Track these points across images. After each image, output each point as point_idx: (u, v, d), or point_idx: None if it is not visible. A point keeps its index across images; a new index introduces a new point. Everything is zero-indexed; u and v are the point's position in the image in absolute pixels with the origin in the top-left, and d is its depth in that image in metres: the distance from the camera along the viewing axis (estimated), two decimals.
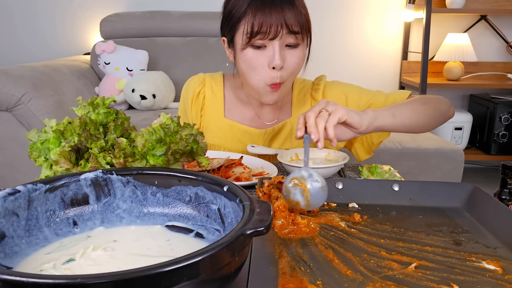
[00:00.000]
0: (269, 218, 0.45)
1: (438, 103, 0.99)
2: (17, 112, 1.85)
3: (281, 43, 0.91)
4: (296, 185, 0.68)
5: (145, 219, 0.59)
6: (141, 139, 0.58)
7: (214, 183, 0.56)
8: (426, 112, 0.95)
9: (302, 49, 0.95)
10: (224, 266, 0.42)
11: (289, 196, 0.68)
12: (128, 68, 2.30)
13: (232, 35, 0.96)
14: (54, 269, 0.48)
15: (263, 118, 1.11)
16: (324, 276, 0.53)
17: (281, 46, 0.91)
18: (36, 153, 0.60)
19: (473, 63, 2.83)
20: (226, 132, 1.10)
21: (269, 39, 0.89)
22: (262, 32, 0.88)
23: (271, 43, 0.90)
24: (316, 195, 0.68)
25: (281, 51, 0.91)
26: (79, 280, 0.35)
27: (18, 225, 0.52)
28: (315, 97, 1.11)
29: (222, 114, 1.10)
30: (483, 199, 0.72)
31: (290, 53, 0.93)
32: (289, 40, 0.91)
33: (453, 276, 0.53)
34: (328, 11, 2.78)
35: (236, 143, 1.10)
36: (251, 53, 0.92)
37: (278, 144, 1.11)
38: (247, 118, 1.10)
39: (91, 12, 2.74)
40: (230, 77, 1.12)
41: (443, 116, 1.00)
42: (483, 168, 3.02)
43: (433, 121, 0.97)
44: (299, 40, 0.92)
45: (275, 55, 0.90)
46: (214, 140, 1.10)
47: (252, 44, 0.91)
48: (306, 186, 0.67)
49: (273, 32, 0.88)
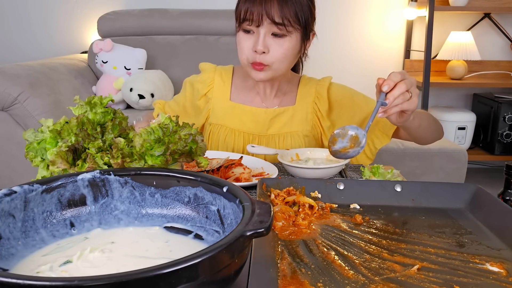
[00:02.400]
0: (269, 219, 0.45)
1: (436, 121, 1.11)
2: (13, 111, 1.84)
3: (267, 31, 1.01)
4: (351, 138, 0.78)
5: (143, 220, 0.59)
6: (139, 139, 0.57)
7: (213, 184, 0.55)
8: (432, 125, 1.06)
9: (290, 40, 1.03)
10: (224, 268, 0.42)
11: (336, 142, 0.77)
12: (126, 67, 2.29)
13: (235, 19, 1.08)
14: (51, 271, 0.48)
15: (267, 103, 1.18)
16: (325, 278, 0.52)
17: (267, 33, 1.01)
18: (32, 153, 0.60)
19: (477, 62, 2.81)
20: (229, 113, 1.18)
21: (255, 26, 1.01)
22: (247, 19, 1.00)
23: (257, 29, 1.01)
24: (353, 153, 0.79)
25: (266, 38, 1.01)
26: (76, 283, 0.35)
27: (14, 226, 0.51)
28: (320, 92, 1.17)
29: (228, 97, 1.19)
30: (486, 200, 0.71)
31: (275, 41, 1.02)
32: (274, 29, 1.01)
33: (456, 278, 0.53)
34: (329, 9, 2.76)
35: (237, 122, 1.16)
36: (241, 35, 1.05)
37: (278, 126, 1.16)
38: (250, 101, 1.18)
39: (89, 10, 2.73)
40: (240, 69, 1.22)
41: (438, 135, 1.13)
42: (486, 169, 3.01)
43: (431, 136, 1.09)
44: (284, 31, 1.01)
45: (258, 40, 1.01)
46: (218, 120, 1.17)
47: (242, 28, 1.04)
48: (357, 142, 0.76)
49: (255, 20, 0.99)
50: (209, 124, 1.18)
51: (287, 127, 1.16)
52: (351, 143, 0.80)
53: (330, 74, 1.23)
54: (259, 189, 0.75)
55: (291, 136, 1.14)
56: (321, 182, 0.78)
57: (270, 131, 1.15)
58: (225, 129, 1.16)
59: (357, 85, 3.17)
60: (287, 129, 1.16)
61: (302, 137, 1.15)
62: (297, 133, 1.15)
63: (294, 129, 1.15)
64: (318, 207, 0.71)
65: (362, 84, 2.93)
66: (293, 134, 1.15)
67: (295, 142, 1.14)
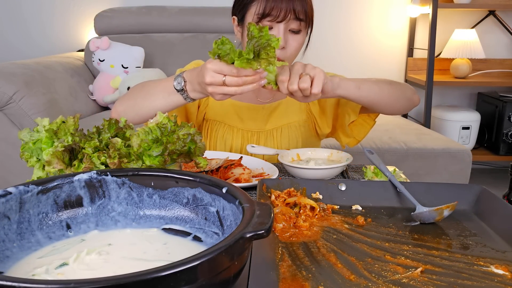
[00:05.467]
0: (270, 221, 0.45)
1: (403, 87, 1.09)
2: (8, 111, 1.82)
3: (286, 27, 1.02)
4: None
5: (141, 222, 0.58)
6: (137, 139, 0.56)
7: (212, 185, 0.55)
8: (391, 92, 1.04)
9: (303, 36, 1.06)
10: (223, 270, 0.41)
11: None
12: (124, 65, 2.26)
13: (243, 14, 1.06)
14: (47, 274, 0.47)
15: (260, 97, 1.19)
16: (326, 281, 0.52)
17: (285, 29, 1.02)
18: (28, 154, 0.59)
19: (481, 60, 2.79)
20: (226, 109, 1.18)
21: (276, 22, 1.01)
22: (272, 15, 1.00)
23: (277, 25, 1.01)
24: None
25: (285, 34, 1.02)
26: (72, 285, 0.35)
27: (10, 228, 0.51)
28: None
29: None
30: (491, 201, 0.71)
31: (292, 37, 1.04)
32: (293, 25, 1.02)
33: (460, 281, 0.52)
34: (331, 6, 2.75)
35: (235, 119, 1.17)
36: None
37: (275, 120, 1.18)
38: (245, 97, 1.19)
39: (85, 7, 2.70)
40: None
41: (408, 101, 1.09)
42: (491, 169, 2.99)
43: (397, 103, 1.06)
44: (301, 27, 1.04)
45: (280, 36, 1.01)
46: (215, 116, 1.18)
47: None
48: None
49: (281, 16, 1.00)
50: (206, 121, 1.18)
51: (284, 120, 1.17)
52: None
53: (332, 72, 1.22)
54: (259, 190, 0.74)
55: (289, 128, 1.16)
56: (322, 183, 0.78)
57: (268, 126, 1.17)
58: (223, 126, 1.17)
59: None
60: (284, 122, 1.17)
61: (299, 127, 1.17)
62: (294, 124, 1.17)
63: (291, 120, 1.17)
64: (320, 208, 0.71)
65: None
66: (290, 125, 1.17)
67: (292, 133, 1.16)
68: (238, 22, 1.10)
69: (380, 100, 1.02)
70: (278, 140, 1.15)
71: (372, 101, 1.01)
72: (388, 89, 1.03)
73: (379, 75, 2.84)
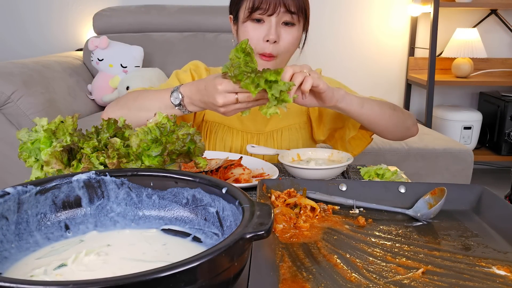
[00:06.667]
0: (270, 222, 0.44)
1: (405, 116, 1.08)
2: (6, 110, 1.81)
3: (278, 20, 1.02)
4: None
5: (140, 222, 0.58)
6: (136, 139, 0.56)
7: (212, 185, 0.55)
8: (392, 117, 1.03)
9: (298, 29, 1.06)
10: (223, 271, 0.41)
11: None
12: (123, 65, 2.25)
13: (237, 10, 1.07)
14: (45, 275, 0.47)
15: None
16: (327, 282, 0.52)
17: (278, 23, 1.02)
18: (26, 154, 0.59)
19: (483, 60, 2.78)
20: None
21: (267, 15, 1.01)
22: (262, 8, 1.00)
23: (269, 19, 1.02)
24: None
25: (277, 27, 1.02)
26: (71, 286, 0.34)
27: (8, 229, 0.51)
28: None
29: None
30: (493, 201, 0.71)
31: (285, 30, 1.04)
32: (286, 18, 1.02)
33: (462, 282, 0.52)
34: (331, 5, 2.74)
35: (235, 121, 1.16)
36: (250, 26, 1.04)
37: (275, 122, 1.17)
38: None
39: (84, 6, 2.69)
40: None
41: (406, 130, 1.09)
42: (493, 169, 2.98)
43: (395, 129, 1.06)
44: (295, 20, 1.03)
45: (271, 29, 1.01)
46: (215, 118, 1.17)
47: (252, 18, 1.03)
48: None
49: (271, 9, 1.00)
50: (205, 122, 1.18)
51: (284, 121, 1.17)
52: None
53: (332, 72, 1.23)
54: (259, 190, 0.74)
55: (289, 130, 1.16)
56: (323, 183, 0.77)
57: (268, 128, 1.16)
58: (223, 128, 1.16)
59: (360, 82, 3.16)
60: (285, 124, 1.16)
61: (300, 129, 1.16)
62: (294, 126, 1.16)
63: (292, 122, 1.17)
64: (320, 209, 0.70)
65: (365, 82, 2.93)
66: (290, 127, 1.16)
67: (292, 135, 1.15)
68: (233, 21, 1.10)
69: (379, 122, 1.01)
70: (278, 142, 1.15)
71: (372, 122, 1.00)
72: (390, 114, 1.02)
73: (380, 75, 2.84)
